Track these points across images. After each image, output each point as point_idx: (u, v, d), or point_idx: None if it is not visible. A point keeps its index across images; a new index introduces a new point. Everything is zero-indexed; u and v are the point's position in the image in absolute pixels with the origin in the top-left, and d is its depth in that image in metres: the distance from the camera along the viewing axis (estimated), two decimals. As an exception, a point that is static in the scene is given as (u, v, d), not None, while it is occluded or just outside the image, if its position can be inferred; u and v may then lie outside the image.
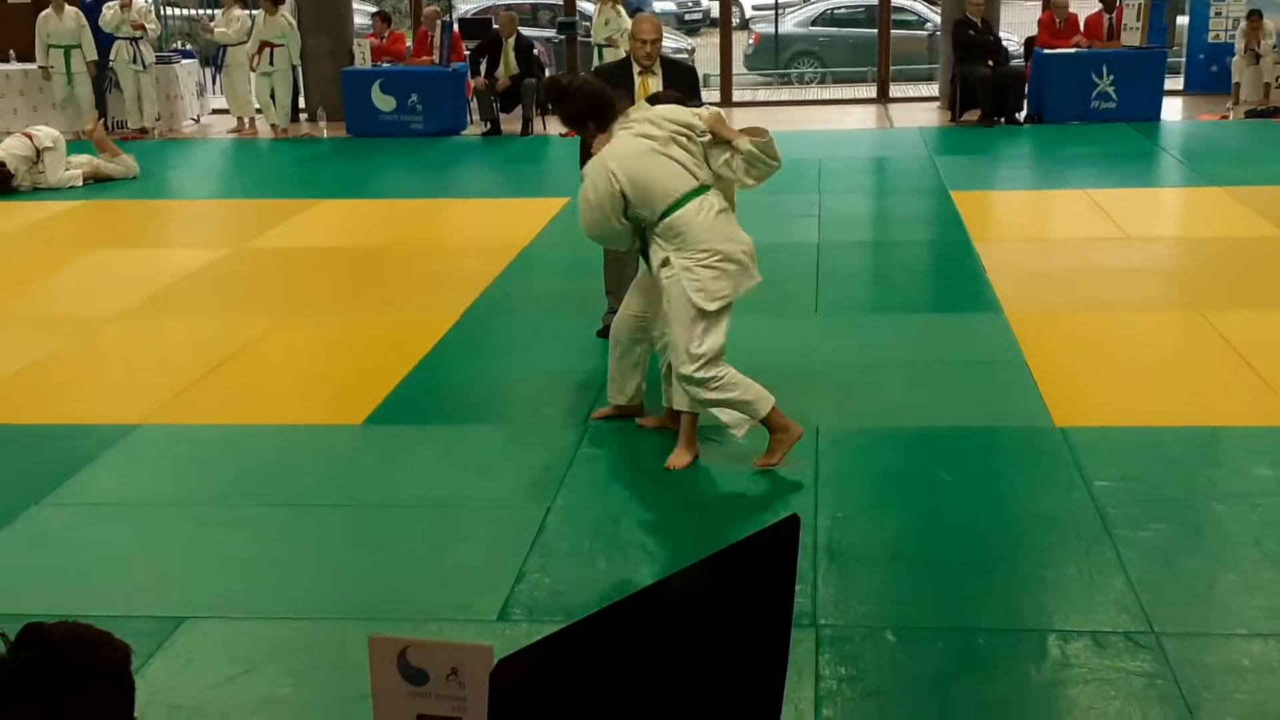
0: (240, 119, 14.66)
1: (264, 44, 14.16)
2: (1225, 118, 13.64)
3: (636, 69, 6.50)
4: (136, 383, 6.32)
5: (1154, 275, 7.88)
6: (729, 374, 4.98)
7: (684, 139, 4.98)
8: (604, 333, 6.77)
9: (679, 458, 5.12)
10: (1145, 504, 4.65)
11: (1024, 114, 13.80)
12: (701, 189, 4.98)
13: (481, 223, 10.04)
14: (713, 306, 4.91)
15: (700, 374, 4.92)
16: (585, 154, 5.36)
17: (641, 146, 4.93)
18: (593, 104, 5.10)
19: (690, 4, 25.64)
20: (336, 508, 4.90)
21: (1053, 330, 6.71)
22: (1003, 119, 13.64)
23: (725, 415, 5.02)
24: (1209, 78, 14.78)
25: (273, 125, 14.39)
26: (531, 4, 20.93)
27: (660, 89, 6.42)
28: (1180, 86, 15.06)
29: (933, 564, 4.31)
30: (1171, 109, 14.11)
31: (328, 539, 4.67)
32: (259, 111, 14.60)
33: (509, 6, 17.89)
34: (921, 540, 4.49)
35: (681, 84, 6.55)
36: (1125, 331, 6.70)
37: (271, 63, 14.15)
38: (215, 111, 15.91)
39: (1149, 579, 4.11)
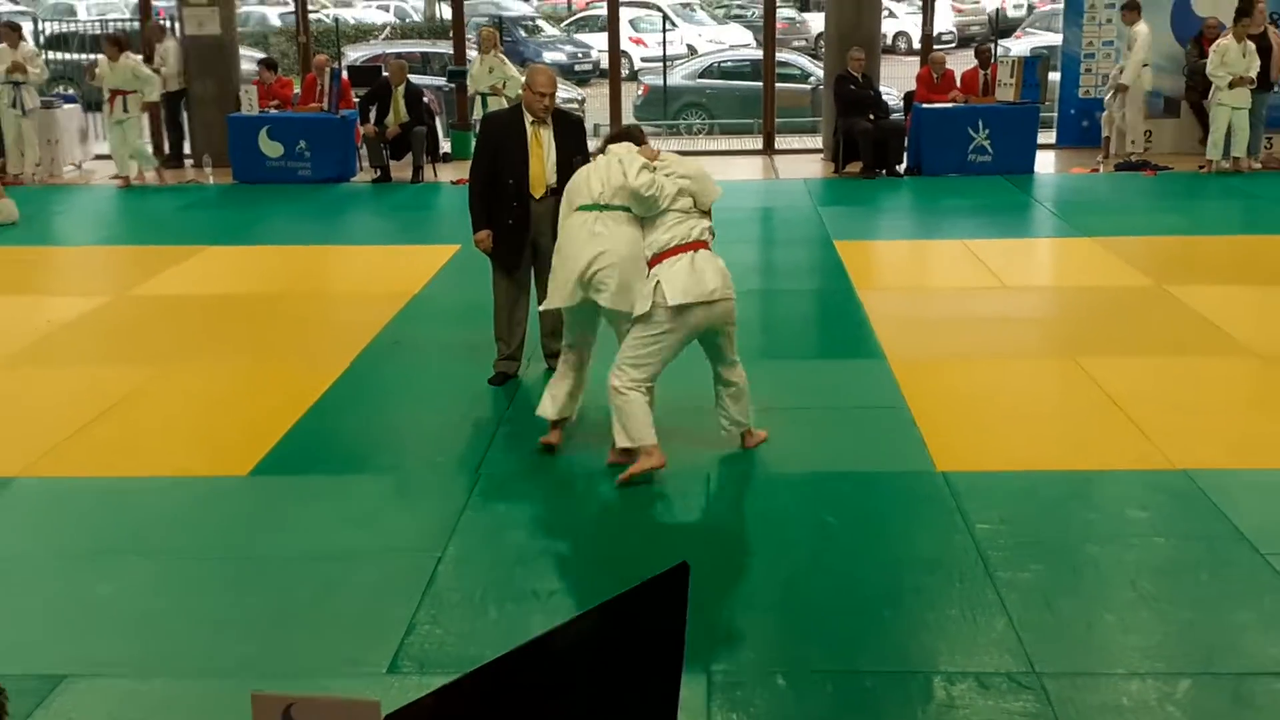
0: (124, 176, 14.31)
1: (114, 92, 13.77)
2: (1096, 170, 14.11)
3: (529, 119, 6.55)
4: (14, 433, 6.16)
5: (1030, 323, 8.11)
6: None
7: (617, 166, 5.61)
8: (496, 380, 6.78)
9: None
10: (1025, 546, 4.78)
11: (904, 166, 14.12)
12: (595, 206, 5.58)
13: (371, 270, 9.97)
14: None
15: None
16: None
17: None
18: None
19: (580, 55, 25.84)
20: (221, 561, 4.81)
21: (934, 377, 6.87)
22: (884, 171, 13.95)
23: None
24: (1080, 132, 15.28)
25: (156, 169, 14.10)
26: (421, 52, 20.91)
27: (553, 141, 6.58)
28: (1053, 140, 15.54)
29: (821, 607, 4.37)
30: (1045, 162, 14.55)
31: (212, 593, 4.58)
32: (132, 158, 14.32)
33: (399, 55, 17.83)
34: (809, 584, 4.55)
35: (572, 136, 6.69)
36: (1003, 378, 6.88)
37: (125, 110, 13.83)
38: (98, 157, 15.60)
39: (1029, 620, 4.22)
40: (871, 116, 13.91)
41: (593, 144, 7.01)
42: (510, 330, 6.86)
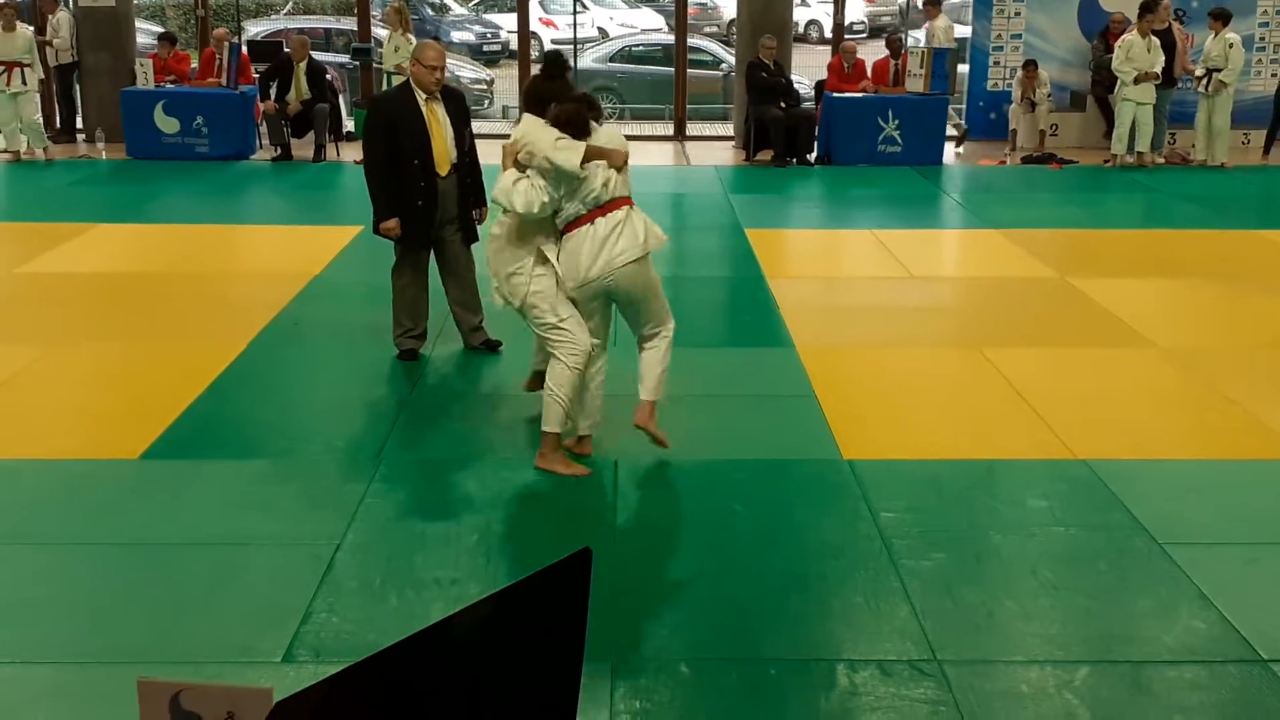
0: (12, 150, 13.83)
1: (8, 64, 13.29)
2: (1003, 163, 14.29)
3: (422, 96, 6.47)
4: (-111, 414, 5.91)
5: (936, 313, 8.16)
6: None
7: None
8: (406, 356, 6.78)
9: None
10: (928, 534, 4.78)
11: (814, 155, 14.18)
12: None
13: (270, 250, 9.76)
14: None
15: None
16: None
17: None
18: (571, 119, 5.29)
19: (489, 35, 25.60)
20: (109, 546, 4.65)
21: (842, 365, 6.88)
22: (794, 160, 13.99)
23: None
24: (988, 124, 15.47)
25: (44, 149, 13.64)
26: (325, 28, 20.57)
27: (446, 117, 6.53)
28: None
29: (725, 595, 4.33)
30: (953, 154, 14.72)
31: (99, 579, 4.42)
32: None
33: (301, 30, 17.52)
34: (715, 572, 4.51)
35: (459, 109, 6.70)
36: (910, 367, 6.91)
37: (24, 82, 13.39)
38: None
39: (932, 608, 4.22)
40: (783, 105, 13.94)
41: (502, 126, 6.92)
42: (414, 307, 6.80)
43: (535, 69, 17.48)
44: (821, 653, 3.97)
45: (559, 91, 5.48)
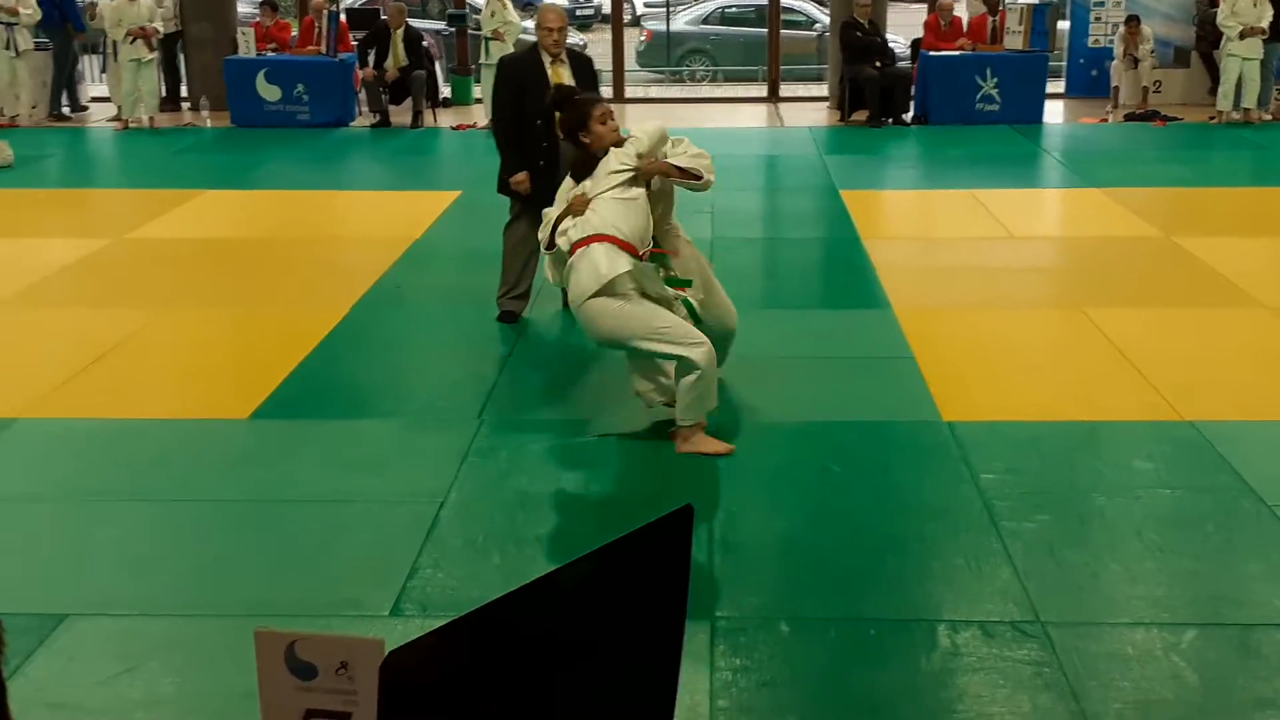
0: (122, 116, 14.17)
1: (136, 32, 13.65)
2: (1104, 121, 13.99)
3: (547, 58, 6.59)
4: (14, 375, 6.12)
5: (1037, 273, 8.05)
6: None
7: None
8: (505, 317, 6.84)
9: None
10: (1030, 496, 4.75)
11: (910, 115, 14.01)
12: None
13: (371, 215, 9.90)
14: None
15: None
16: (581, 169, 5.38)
17: None
18: (575, 167, 5.42)
19: (582, 0, 25.58)
20: (222, 503, 4.78)
21: (940, 326, 6.82)
22: (890, 120, 13.83)
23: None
24: (1089, 82, 15.15)
25: (124, 121, 13.92)
26: (422, -4, 20.72)
27: (570, 78, 6.54)
28: (1061, 90, 15.41)
29: (825, 555, 4.35)
30: (1053, 112, 14.45)
31: (213, 534, 4.56)
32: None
33: (397, -2, 17.66)
34: (813, 532, 4.52)
35: (586, 74, 6.73)
36: (1010, 328, 6.83)
37: (151, 49, 13.73)
38: (95, 100, 15.47)
39: (1034, 569, 4.19)
40: (878, 64, 13.78)
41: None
42: (524, 271, 6.86)
43: (630, 33, 17.46)
44: (922, 613, 3.96)
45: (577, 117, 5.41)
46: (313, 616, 3.93)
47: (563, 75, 6.56)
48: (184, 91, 15.23)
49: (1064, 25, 15.36)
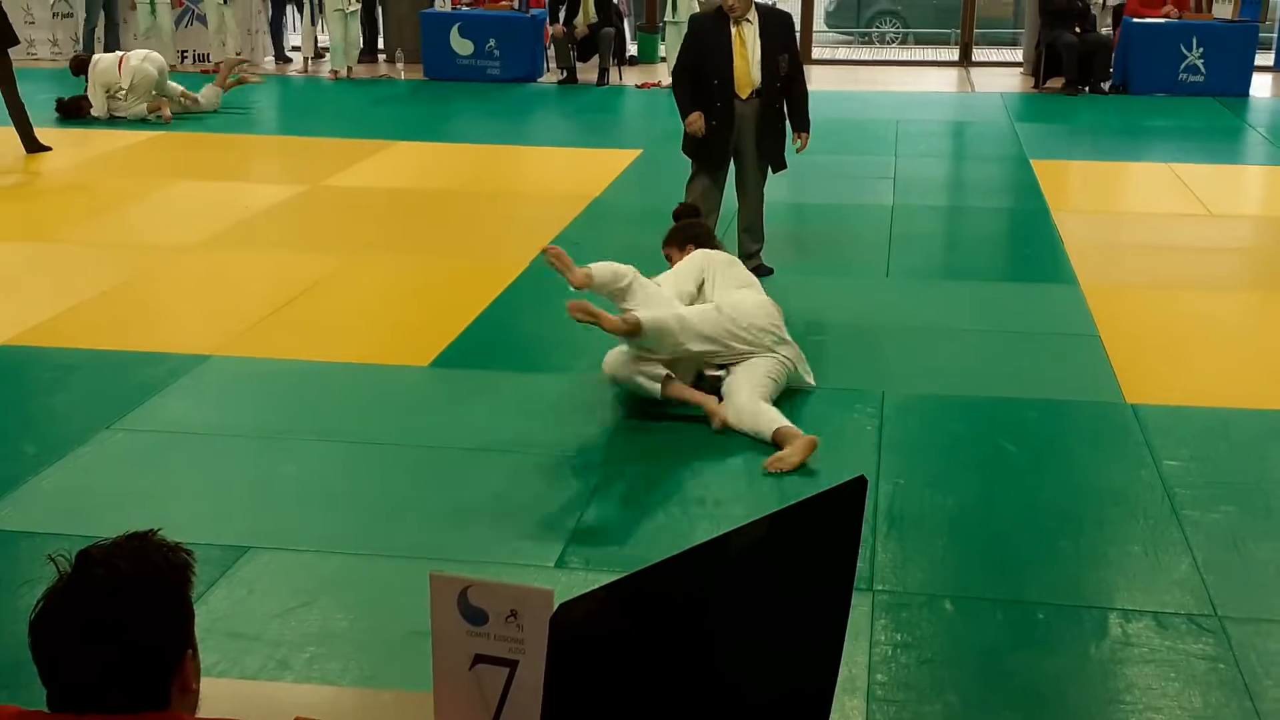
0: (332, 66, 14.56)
1: None
2: (1318, 96, 13.30)
3: (731, 19, 6.55)
4: (210, 314, 6.40)
5: (1235, 254, 7.71)
6: None
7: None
8: None
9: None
10: (1215, 486, 4.57)
11: (1109, 84, 13.52)
12: None
13: (553, 171, 10.02)
14: None
15: None
16: None
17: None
18: (697, 235, 5.75)
19: (773, -41, 25.31)
20: (400, 447, 4.93)
21: (1128, 305, 6.60)
22: (1086, 88, 13.37)
23: None
24: (1302, 54, 14.39)
25: (335, 71, 14.30)
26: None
27: (758, 40, 6.54)
28: (1271, 62, 14.67)
29: (994, 535, 4.27)
30: (1261, 85, 13.76)
31: (389, 477, 4.70)
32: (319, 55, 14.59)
33: (591, -46, 17.73)
34: (983, 510, 4.44)
35: (778, 34, 6.66)
36: (1202, 310, 6.57)
37: (355, 1, 14.12)
38: (294, 49, 15.97)
39: (1215, 562, 4.05)
40: (1077, 30, 13.32)
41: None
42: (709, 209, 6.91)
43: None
44: (1093, 600, 3.87)
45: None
46: (481, 563, 4.02)
47: (746, 37, 6.54)
48: (380, 44, 15.60)
49: (1279, -6, 14.61)
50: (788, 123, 6.84)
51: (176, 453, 4.86)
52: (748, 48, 6.57)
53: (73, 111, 11.44)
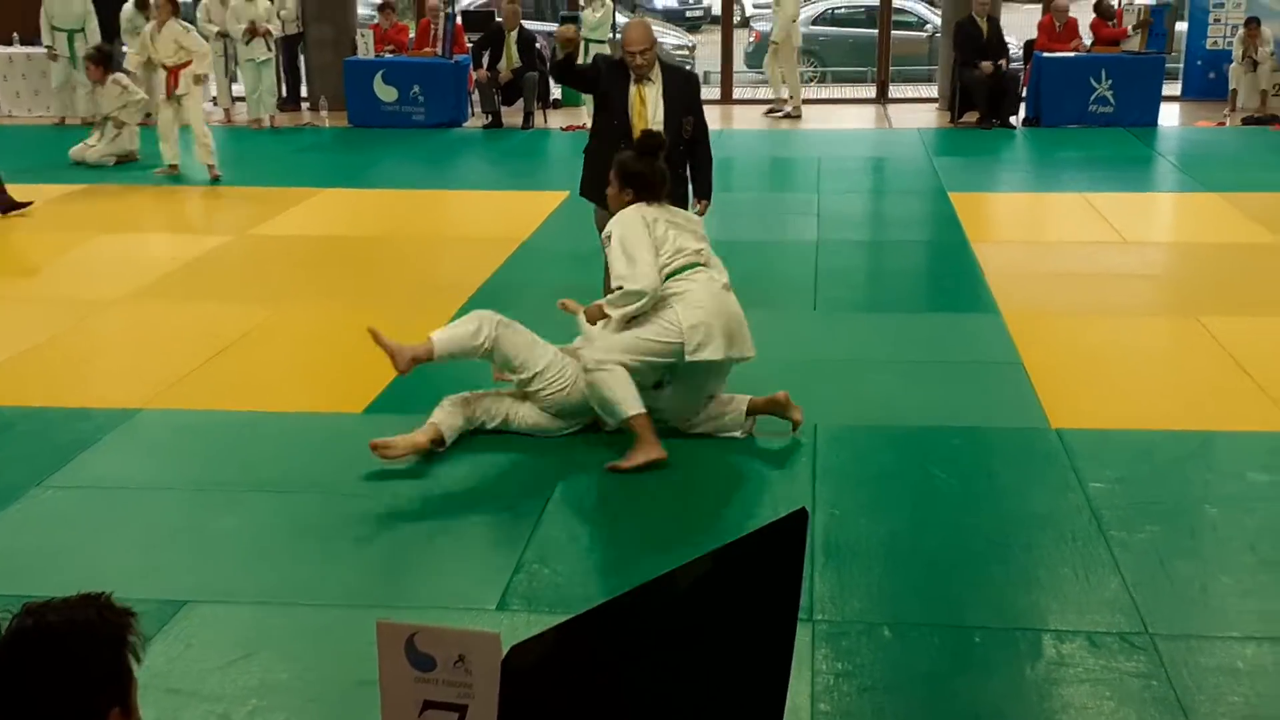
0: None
1: (251, 30, 13.89)
2: (1222, 124, 13.67)
3: (633, 77, 6.17)
4: (138, 367, 6.34)
5: (1150, 280, 7.91)
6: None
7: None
8: None
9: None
10: (1140, 506, 4.69)
11: (1021, 116, 13.83)
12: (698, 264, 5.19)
13: (482, 214, 10.06)
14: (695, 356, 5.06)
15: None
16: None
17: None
18: (649, 183, 5.24)
19: (692, 1, 25.62)
20: (336, 495, 4.92)
21: (1049, 332, 6.75)
22: (997, 121, 13.66)
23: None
24: (1206, 84, 14.81)
25: (257, 120, 14.23)
26: (534, -3, 20.90)
27: (660, 100, 6.12)
28: (1178, 92, 15.09)
29: (928, 561, 4.34)
30: (1169, 115, 14.15)
31: (327, 525, 4.68)
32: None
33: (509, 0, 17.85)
34: (917, 538, 4.52)
35: (681, 92, 6.21)
36: (1121, 335, 6.73)
37: (269, 49, 14.05)
38: (213, 100, 15.85)
39: (1143, 581, 4.15)
40: (990, 64, 13.60)
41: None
42: None
43: (739, 33, 17.48)
44: (1027, 622, 3.95)
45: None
46: (422, 609, 4.03)
47: (647, 96, 6.11)
48: (304, 92, 15.56)
49: (1182, 26, 15.03)
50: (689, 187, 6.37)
51: (109, 509, 4.81)
52: (649, 108, 6.12)
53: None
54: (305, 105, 15.26)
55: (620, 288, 5.06)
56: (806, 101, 15.76)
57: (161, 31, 11.01)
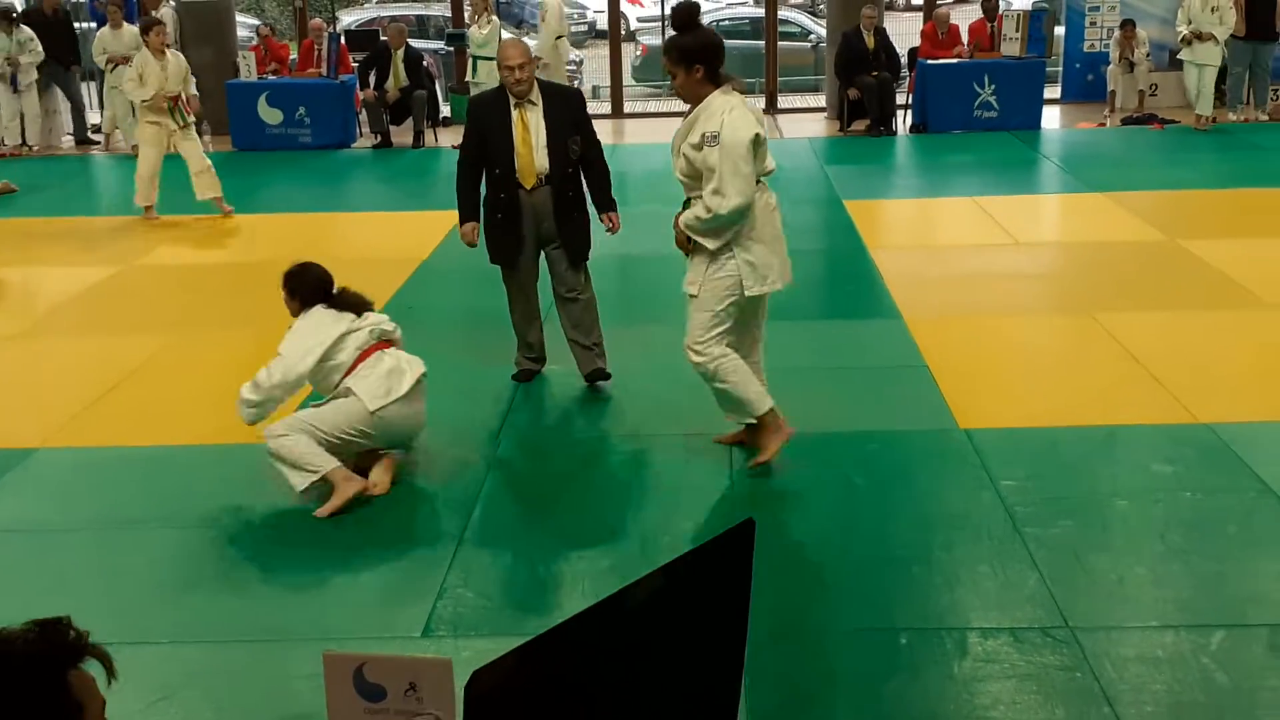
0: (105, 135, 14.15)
1: (114, 59, 13.58)
2: (1103, 125, 14.05)
3: (512, 101, 5.86)
4: (32, 405, 6.15)
5: (1045, 279, 8.09)
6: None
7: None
8: (520, 377, 6.29)
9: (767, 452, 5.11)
10: (1051, 502, 4.78)
11: (909, 123, 14.07)
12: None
13: (378, 236, 9.93)
14: (758, 291, 5.04)
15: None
16: None
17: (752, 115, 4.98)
18: (712, 47, 4.98)
19: (575, 16, 25.66)
20: (248, 527, 4.81)
21: (951, 334, 6.85)
22: (884, 129, 13.88)
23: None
24: (1085, 86, 15.21)
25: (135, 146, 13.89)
26: (416, 15, 20.78)
27: (542, 123, 5.85)
28: (1058, 95, 15.48)
29: (853, 566, 4.37)
30: (1051, 117, 14.50)
31: (241, 559, 4.58)
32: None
33: (393, 18, 17.73)
34: (840, 543, 4.55)
35: (566, 114, 5.95)
36: (1021, 335, 6.87)
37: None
38: (94, 128, 15.49)
39: (1060, 575, 4.22)
40: (874, 74, 13.81)
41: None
42: (524, 328, 6.29)
43: (626, 48, 17.54)
44: (952, 621, 3.99)
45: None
46: (343, 640, 3.94)
47: (529, 122, 5.84)
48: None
49: (1060, 30, 15.42)
50: (592, 209, 6.14)
51: (11, 553, 4.65)
52: (531, 132, 5.84)
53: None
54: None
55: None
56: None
57: (168, 58, 10.51)
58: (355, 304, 5.39)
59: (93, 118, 15.64)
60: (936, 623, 3.99)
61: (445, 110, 15.51)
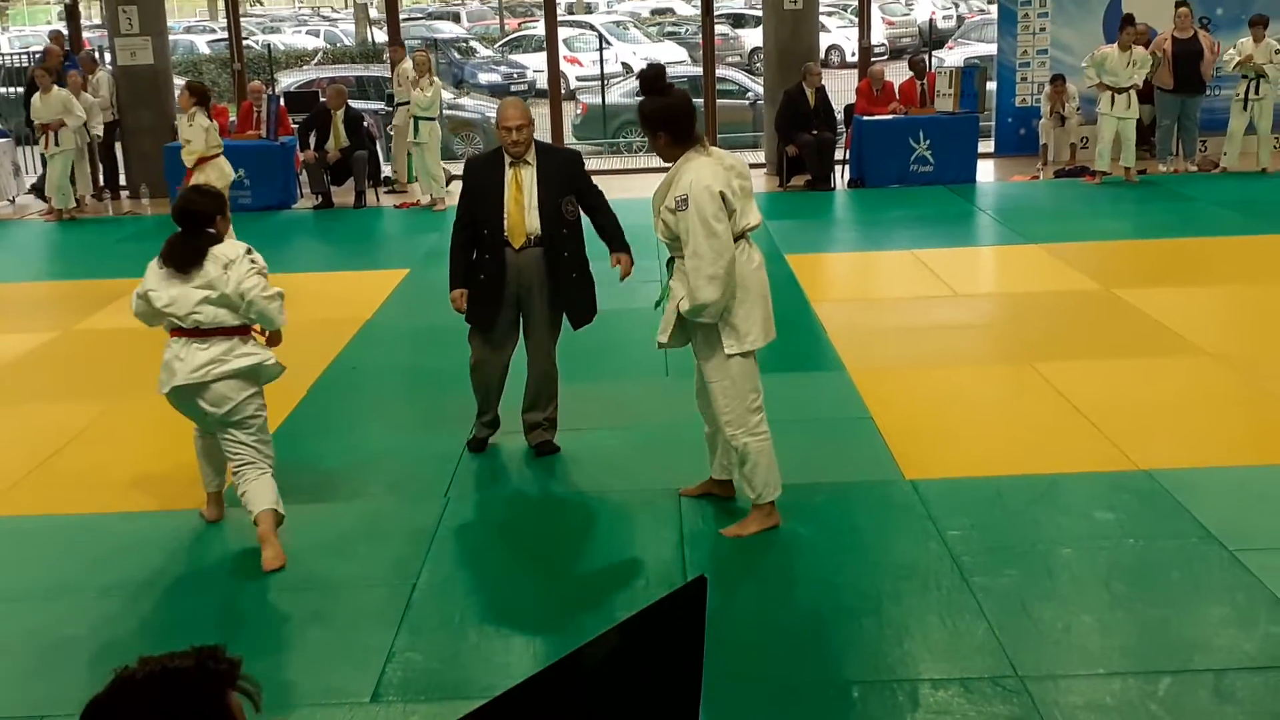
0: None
1: (45, 125, 13.44)
2: (1036, 178, 14.30)
3: (508, 160, 5.80)
4: (-34, 474, 6.03)
5: (984, 330, 8.19)
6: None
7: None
8: (473, 445, 6.18)
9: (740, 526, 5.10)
10: (997, 551, 4.81)
11: (846, 179, 14.24)
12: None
13: (321, 297, 9.84)
14: (736, 350, 5.09)
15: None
16: None
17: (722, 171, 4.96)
18: (673, 112, 4.98)
19: (515, 75, 25.84)
20: (190, 594, 4.74)
21: (894, 386, 6.91)
22: (822, 184, 14.04)
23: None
24: (1018, 140, 15.48)
25: (66, 209, 13.73)
26: (355, 76, 20.81)
27: (536, 182, 5.79)
28: (992, 149, 15.74)
29: (801, 619, 4.38)
30: (985, 171, 14.73)
31: (183, 625, 4.50)
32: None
33: (333, 80, 17.75)
34: (788, 596, 4.56)
35: (560, 175, 5.87)
36: (963, 385, 6.94)
37: (56, 143, 13.56)
38: (31, 190, 15.35)
39: (1008, 624, 4.25)
40: (814, 131, 13.99)
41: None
42: (486, 395, 6.13)
43: (566, 106, 17.67)
44: (902, 672, 4.00)
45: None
46: (293, 706, 3.89)
47: (524, 180, 5.76)
48: (123, 180, 15.15)
49: (992, 86, 15.71)
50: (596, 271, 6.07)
51: (-55, 625, 4.54)
52: (524, 191, 5.76)
53: None
54: (125, 194, 14.84)
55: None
56: (642, 171, 15.95)
57: (193, 123, 10.41)
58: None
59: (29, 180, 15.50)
60: (888, 674, 4.00)
61: (387, 170, 15.50)
